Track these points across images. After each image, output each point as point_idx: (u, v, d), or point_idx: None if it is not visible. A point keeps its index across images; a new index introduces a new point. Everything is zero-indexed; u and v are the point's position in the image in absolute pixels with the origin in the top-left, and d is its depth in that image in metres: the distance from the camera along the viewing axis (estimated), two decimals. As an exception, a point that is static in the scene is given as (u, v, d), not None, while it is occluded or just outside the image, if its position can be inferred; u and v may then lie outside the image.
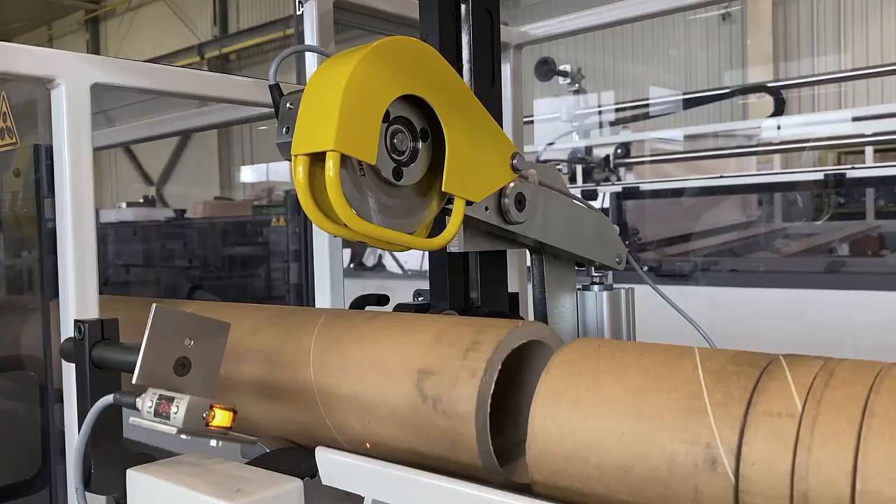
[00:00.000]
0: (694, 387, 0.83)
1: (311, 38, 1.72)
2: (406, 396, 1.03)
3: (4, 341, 1.61)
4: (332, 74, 1.05)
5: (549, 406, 0.91)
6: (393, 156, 1.12)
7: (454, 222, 1.19)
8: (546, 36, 2.17)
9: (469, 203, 1.21)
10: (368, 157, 1.06)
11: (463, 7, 1.42)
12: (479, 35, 1.43)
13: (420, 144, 1.16)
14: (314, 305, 1.87)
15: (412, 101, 1.13)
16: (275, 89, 1.24)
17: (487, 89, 1.44)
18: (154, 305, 0.97)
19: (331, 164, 1.01)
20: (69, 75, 1.27)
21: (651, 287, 1.60)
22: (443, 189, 1.16)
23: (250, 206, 8.08)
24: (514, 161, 1.28)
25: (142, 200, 11.05)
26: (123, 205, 9.48)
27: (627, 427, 0.84)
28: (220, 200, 10.78)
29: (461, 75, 1.42)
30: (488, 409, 0.97)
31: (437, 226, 1.22)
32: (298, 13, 1.72)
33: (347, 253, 5.40)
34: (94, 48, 17.16)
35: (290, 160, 1.08)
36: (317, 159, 1.04)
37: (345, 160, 1.04)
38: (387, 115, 1.10)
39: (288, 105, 1.15)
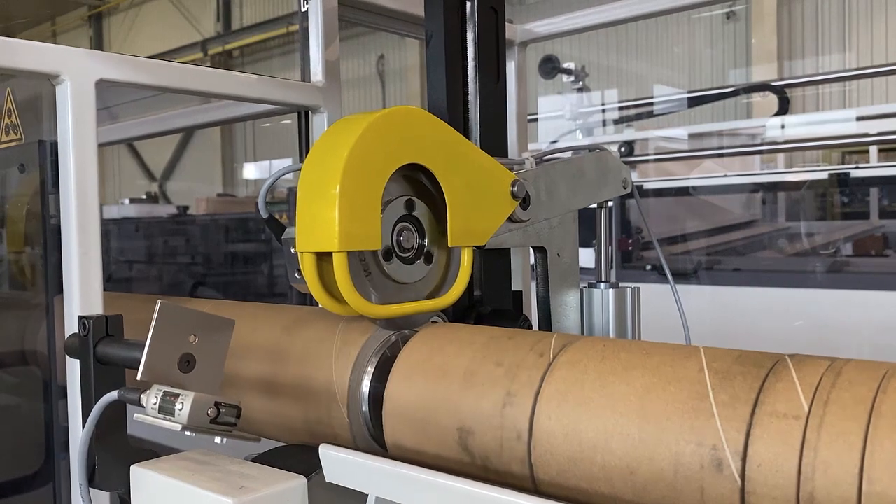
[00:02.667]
0: (700, 388, 0.83)
1: (315, 35, 1.72)
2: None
3: (9, 337, 1.61)
4: (325, 166, 1.05)
5: (554, 406, 0.90)
6: (399, 254, 1.14)
7: (463, 276, 1.21)
8: (551, 34, 2.16)
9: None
10: (373, 245, 1.07)
11: (468, 4, 1.42)
12: (485, 33, 1.43)
13: (426, 241, 1.18)
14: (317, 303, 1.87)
15: (405, 167, 1.13)
16: (271, 223, 1.26)
17: (492, 87, 1.44)
18: (159, 302, 0.97)
19: (339, 264, 1.03)
20: (74, 71, 1.27)
21: (666, 270, 1.59)
22: (449, 245, 1.18)
23: (253, 202, 8.07)
24: (514, 188, 1.29)
25: (144, 197, 11.06)
26: (126, 201, 9.49)
27: (633, 428, 0.84)
28: (223, 197, 10.78)
29: (466, 73, 1.42)
30: None
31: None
32: (303, 10, 1.72)
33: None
34: (97, 44, 17.15)
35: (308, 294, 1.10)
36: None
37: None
38: (391, 209, 1.12)
39: (292, 250, 1.16)
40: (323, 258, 1.07)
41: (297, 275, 1.15)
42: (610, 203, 1.60)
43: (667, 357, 0.89)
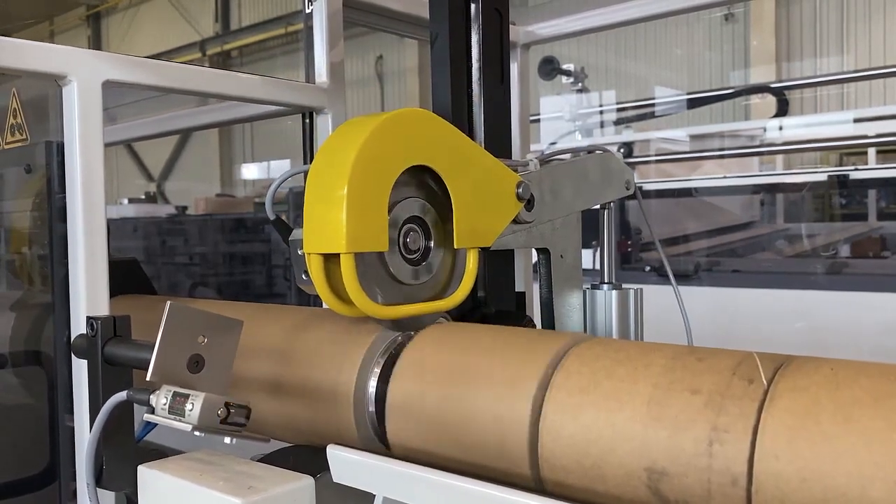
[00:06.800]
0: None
1: (320, 37, 1.72)
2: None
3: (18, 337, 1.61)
4: (332, 168, 1.06)
5: (783, 444, 0.80)
6: (405, 255, 1.15)
7: (469, 277, 1.21)
8: (554, 35, 2.17)
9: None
10: (380, 247, 1.08)
11: (473, 6, 1.43)
12: (489, 35, 1.43)
13: (432, 243, 1.19)
14: (321, 304, 1.87)
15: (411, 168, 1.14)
16: (278, 224, 1.27)
17: (496, 89, 1.44)
18: (168, 303, 0.97)
19: (346, 266, 1.04)
20: (81, 72, 1.28)
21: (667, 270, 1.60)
22: (455, 246, 1.18)
23: (252, 202, 8.07)
24: (520, 190, 1.29)
25: (143, 197, 11.05)
26: (125, 201, 9.48)
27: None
28: (222, 197, 10.78)
29: (470, 74, 1.43)
30: None
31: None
32: (308, 11, 1.72)
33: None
34: (96, 44, 17.13)
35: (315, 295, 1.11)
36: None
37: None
38: (402, 209, 1.13)
39: (299, 252, 1.16)
40: (330, 259, 1.07)
41: (304, 276, 1.15)
42: (611, 203, 1.60)
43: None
